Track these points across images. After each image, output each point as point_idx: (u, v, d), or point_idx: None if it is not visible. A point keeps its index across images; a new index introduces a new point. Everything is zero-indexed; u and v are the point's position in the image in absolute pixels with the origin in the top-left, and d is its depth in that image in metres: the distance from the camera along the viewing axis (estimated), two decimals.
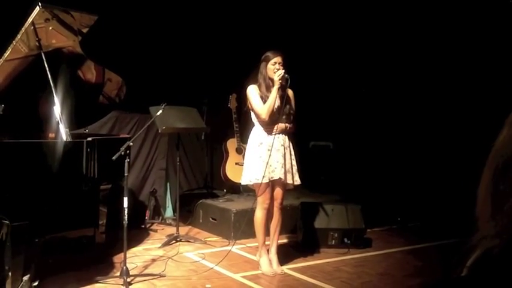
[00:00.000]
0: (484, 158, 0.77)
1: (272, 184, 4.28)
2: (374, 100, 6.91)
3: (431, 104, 6.46)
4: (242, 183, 4.44)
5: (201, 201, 5.98)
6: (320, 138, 7.16)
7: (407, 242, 5.48)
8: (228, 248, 4.93)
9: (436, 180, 6.27)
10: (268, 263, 4.38)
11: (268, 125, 4.24)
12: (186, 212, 6.01)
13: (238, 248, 5.10)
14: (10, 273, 3.29)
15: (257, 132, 4.30)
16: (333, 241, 5.14)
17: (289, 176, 4.31)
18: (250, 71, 4.60)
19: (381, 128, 6.82)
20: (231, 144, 6.35)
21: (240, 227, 5.20)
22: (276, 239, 4.47)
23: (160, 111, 4.34)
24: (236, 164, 6.30)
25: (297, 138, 4.52)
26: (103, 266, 4.36)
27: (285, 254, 4.71)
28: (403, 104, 6.63)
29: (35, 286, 3.46)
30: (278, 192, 4.36)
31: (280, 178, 4.23)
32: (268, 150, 4.18)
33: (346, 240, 5.13)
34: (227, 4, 6.55)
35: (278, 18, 6.71)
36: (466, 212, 0.83)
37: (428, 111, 6.48)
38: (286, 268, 4.46)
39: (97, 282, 3.95)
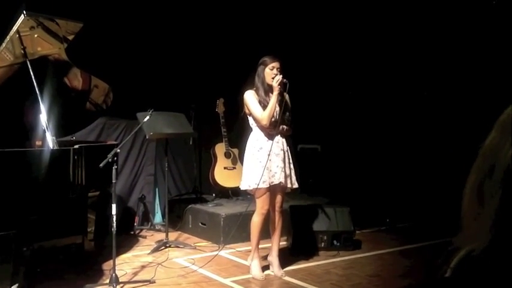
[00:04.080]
0: (472, 159, 0.78)
1: (272, 189, 4.30)
2: (361, 102, 6.95)
3: (418, 106, 6.50)
4: (241, 188, 4.42)
5: (190, 206, 5.98)
6: (308, 141, 7.19)
7: (397, 243, 5.51)
8: (217, 252, 4.92)
9: (424, 181, 6.31)
10: (259, 267, 4.39)
11: (269, 130, 4.26)
12: (175, 218, 5.99)
13: (227, 252, 5.10)
14: None
15: (256, 137, 4.30)
16: (323, 243, 5.15)
17: (288, 180, 4.33)
18: (237, 76, 4.61)
19: (369, 130, 6.86)
20: (219, 148, 6.35)
21: (230, 231, 5.20)
22: (278, 243, 4.49)
23: (148, 117, 4.33)
24: (225, 168, 6.31)
25: (289, 141, 4.53)
26: (92, 273, 4.34)
27: None
28: (390, 106, 6.67)
29: None
30: (278, 196, 4.37)
31: (280, 182, 4.25)
32: (268, 155, 4.20)
33: (335, 242, 5.14)
34: (213, 11, 6.56)
35: (263, 22, 6.73)
36: (455, 212, 0.84)
37: (416, 113, 6.53)
38: None
39: None
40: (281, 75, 4.18)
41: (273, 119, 4.22)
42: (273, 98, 4.18)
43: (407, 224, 6.23)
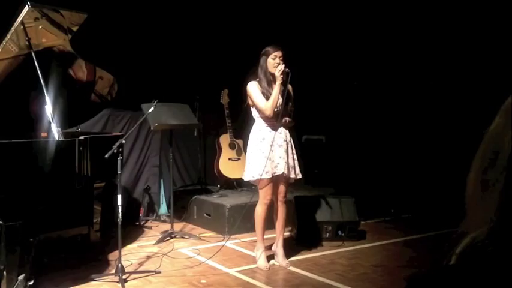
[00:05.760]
0: (476, 147, 0.78)
1: (275, 179, 4.31)
2: (366, 93, 6.93)
3: (422, 96, 6.48)
4: (244, 179, 4.45)
5: (195, 197, 5.99)
6: (313, 132, 7.18)
7: (401, 233, 5.52)
8: (222, 243, 4.95)
9: (429, 171, 6.31)
10: (264, 257, 4.40)
11: (271, 121, 4.26)
12: (180, 208, 6.01)
13: (232, 243, 5.12)
14: (5, 273, 3.30)
15: (258, 128, 4.32)
16: (327, 234, 5.16)
17: (291, 171, 4.34)
18: (241, 67, 4.60)
19: (373, 121, 6.84)
20: (224, 139, 6.35)
21: (235, 222, 5.22)
22: (282, 233, 4.51)
23: (152, 108, 4.33)
24: (229, 159, 6.31)
25: (292, 132, 4.53)
26: (98, 263, 4.37)
27: None
28: (394, 96, 6.65)
29: (30, 285, 3.46)
30: (281, 186, 4.39)
31: (283, 173, 4.26)
32: (271, 145, 4.21)
33: (340, 233, 5.15)
34: (217, 1, 6.53)
35: (268, 13, 6.70)
36: (459, 202, 0.84)
37: (419, 103, 6.51)
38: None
39: (92, 280, 3.96)
40: (283, 65, 4.18)
41: (276, 110, 4.21)
42: (276, 88, 4.17)
43: (412, 215, 6.23)
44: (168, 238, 5.22)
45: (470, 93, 5.85)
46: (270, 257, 4.51)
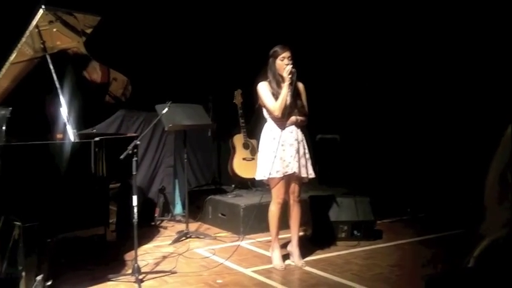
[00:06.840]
0: (493, 148, 0.78)
1: (287, 179, 4.30)
2: (381, 92, 6.89)
3: (438, 96, 6.43)
4: (256, 179, 4.46)
5: (209, 197, 6.01)
6: (327, 131, 7.15)
7: (418, 233, 5.47)
8: (238, 243, 4.95)
9: (445, 170, 6.25)
10: (279, 257, 4.40)
11: (281, 121, 4.26)
12: (195, 209, 6.03)
13: (248, 242, 5.13)
14: (24, 274, 3.33)
15: (269, 128, 4.32)
16: (343, 234, 5.14)
17: (303, 170, 4.32)
18: (254, 67, 4.60)
19: (388, 120, 6.80)
20: (238, 139, 6.36)
21: (250, 222, 5.22)
22: (297, 232, 4.50)
23: (166, 109, 4.35)
24: (243, 159, 6.32)
25: (304, 131, 4.52)
26: (115, 264, 4.40)
27: None
28: (410, 95, 6.60)
29: (48, 286, 3.49)
30: (294, 186, 4.38)
31: (294, 172, 4.25)
32: (282, 145, 4.20)
33: (356, 232, 5.13)
34: (230, 1, 6.54)
35: (281, 12, 6.69)
36: (476, 201, 0.83)
37: (435, 103, 6.45)
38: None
39: (109, 280, 3.98)
40: (291, 65, 4.17)
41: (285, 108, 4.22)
42: (284, 89, 4.18)
43: (428, 214, 6.17)
44: (184, 238, 5.24)
45: (488, 93, 5.78)
46: (285, 257, 4.51)
